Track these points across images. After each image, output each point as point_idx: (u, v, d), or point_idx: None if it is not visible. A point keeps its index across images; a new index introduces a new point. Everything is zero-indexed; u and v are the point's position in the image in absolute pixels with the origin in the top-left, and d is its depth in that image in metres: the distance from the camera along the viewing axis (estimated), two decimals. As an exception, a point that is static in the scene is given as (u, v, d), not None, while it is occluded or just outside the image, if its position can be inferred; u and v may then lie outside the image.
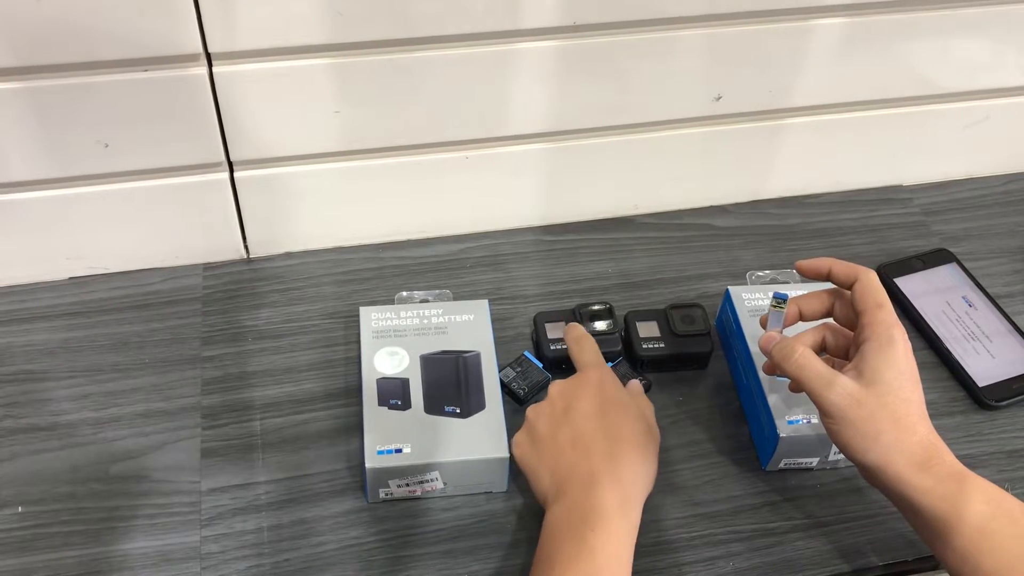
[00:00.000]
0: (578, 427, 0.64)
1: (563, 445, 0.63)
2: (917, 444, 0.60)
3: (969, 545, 0.57)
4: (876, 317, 0.62)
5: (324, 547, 0.67)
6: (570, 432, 0.64)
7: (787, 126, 0.88)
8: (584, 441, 0.63)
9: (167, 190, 0.78)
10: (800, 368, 0.63)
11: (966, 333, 0.82)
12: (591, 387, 0.66)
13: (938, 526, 0.59)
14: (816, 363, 0.63)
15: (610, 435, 0.63)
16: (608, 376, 0.68)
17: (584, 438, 0.63)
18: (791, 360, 0.63)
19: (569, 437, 0.64)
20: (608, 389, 0.66)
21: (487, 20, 0.72)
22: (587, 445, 0.63)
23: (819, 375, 0.62)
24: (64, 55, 0.67)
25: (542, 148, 0.83)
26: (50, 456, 0.71)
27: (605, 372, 0.68)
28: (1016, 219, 0.94)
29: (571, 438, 0.64)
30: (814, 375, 0.62)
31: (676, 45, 0.78)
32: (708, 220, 0.91)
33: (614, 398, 0.66)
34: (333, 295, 0.83)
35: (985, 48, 0.86)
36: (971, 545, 0.57)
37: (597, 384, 0.66)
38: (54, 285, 0.82)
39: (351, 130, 0.77)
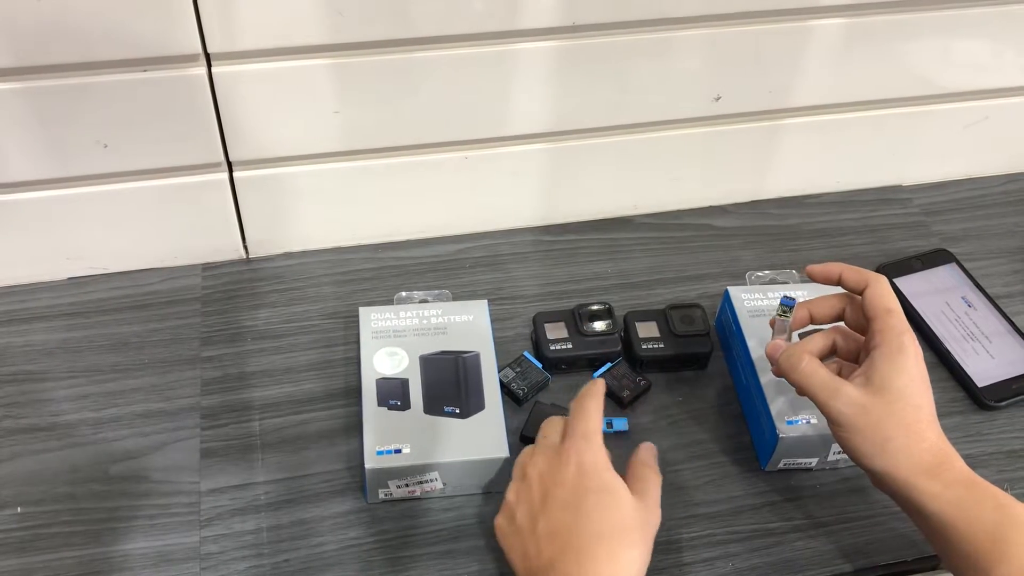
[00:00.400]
0: (554, 519, 0.58)
1: (540, 537, 0.58)
2: (926, 451, 0.60)
3: (979, 552, 0.57)
4: (887, 323, 0.62)
5: (324, 547, 0.67)
6: (546, 524, 0.58)
7: (786, 126, 0.88)
8: (561, 536, 0.57)
9: (166, 190, 0.78)
10: (806, 378, 0.63)
11: (965, 333, 0.82)
12: (570, 470, 0.59)
13: (947, 532, 0.59)
14: (822, 372, 0.63)
15: (589, 530, 0.57)
16: (591, 456, 0.59)
17: (561, 533, 0.57)
18: (797, 370, 0.64)
19: (546, 530, 0.58)
20: (590, 473, 0.59)
21: (487, 20, 0.72)
22: (564, 540, 0.57)
23: (825, 385, 0.62)
24: (63, 55, 0.67)
25: (542, 148, 0.83)
26: (50, 456, 0.71)
27: (590, 451, 0.60)
28: (1015, 219, 0.94)
29: (548, 531, 0.58)
30: (820, 385, 0.62)
31: (676, 45, 0.78)
32: (708, 220, 0.91)
33: (596, 485, 0.58)
34: (332, 295, 0.82)
35: (984, 48, 0.86)
36: (981, 552, 0.57)
37: (577, 467, 0.59)
38: (53, 285, 0.82)
39: (351, 130, 0.77)
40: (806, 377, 0.63)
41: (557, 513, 0.58)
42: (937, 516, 0.59)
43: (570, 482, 0.58)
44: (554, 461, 0.60)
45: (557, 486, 0.59)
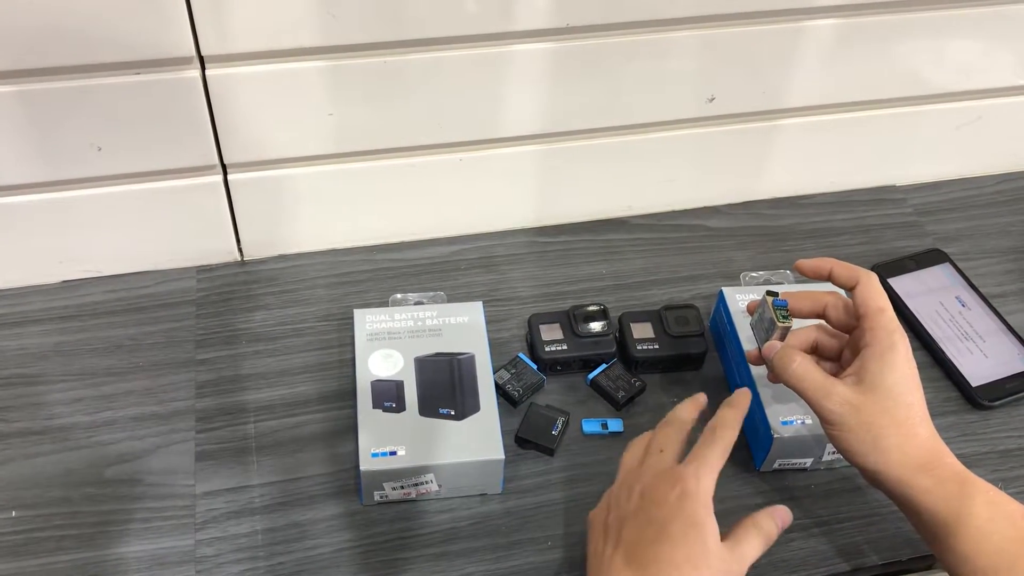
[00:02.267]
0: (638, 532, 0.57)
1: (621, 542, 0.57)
2: (918, 447, 0.60)
3: (969, 547, 0.58)
4: (878, 322, 0.62)
5: (318, 550, 0.67)
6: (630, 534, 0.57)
7: (780, 127, 0.88)
8: (638, 550, 0.56)
9: (160, 193, 0.78)
10: (798, 379, 0.64)
11: (959, 333, 0.82)
12: (673, 495, 0.57)
13: (938, 528, 0.59)
14: (814, 373, 0.63)
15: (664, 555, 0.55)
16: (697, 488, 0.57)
17: (639, 547, 0.56)
18: (788, 370, 0.64)
19: (628, 538, 0.57)
20: (689, 503, 0.57)
21: (480, 22, 0.72)
22: (639, 555, 0.56)
23: (816, 385, 0.63)
24: (56, 58, 0.67)
25: (536, 150, 0.83)
26: (44, 460, 0.71)
27: (700, 484, 0.58)
28: (1009, 219, 0.94)
29: (628, 540, 0.57)
30: (811, 385, 0.63)
31: (669, 46, 0.78)
32: (702, 221, 0.92)
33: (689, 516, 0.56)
34: (327, 297, 0.82)
35: (977, 48, 0.86)
36: (971, 547, 0.58)
37: (680, 494, 0.57)
38: (47, 288, 0.81)
39: (345, 132, 0.77)
40: (798, 378, 0.63)
41: (643, 527, 0.57)
42: (929, 512, 0.59)
43: (668, 505, 0.57)
44: (662, 479, 0.58)
45: (654, 504, 0.57)
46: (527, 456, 0.73)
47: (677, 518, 0.56)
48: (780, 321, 0.66)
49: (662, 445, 0.62)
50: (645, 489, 0.59)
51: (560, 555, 0.67)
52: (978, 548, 0.58)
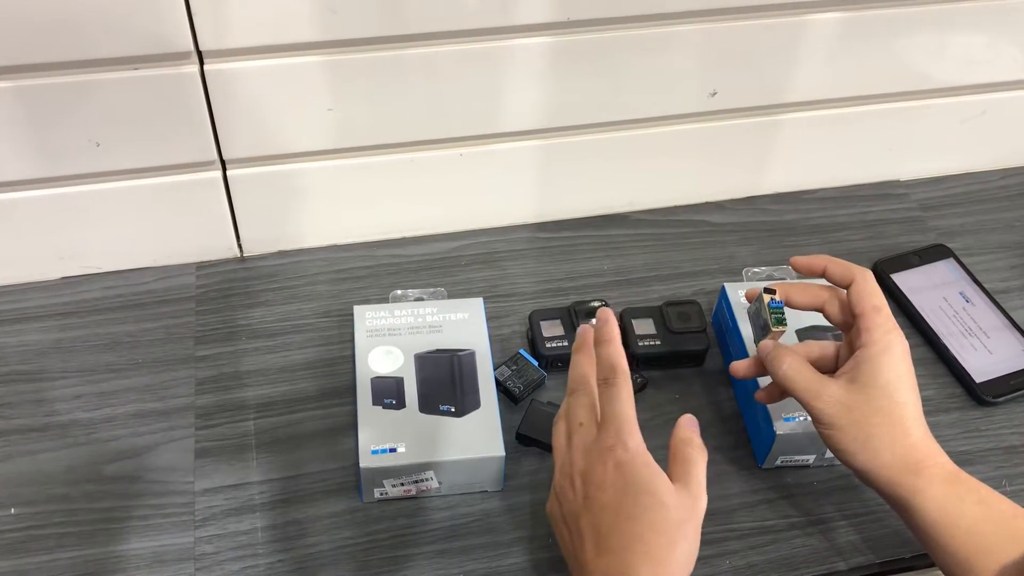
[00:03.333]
0: (596, 519, 0.56)
1: (584, 534, 0.57)
2: (910, 447, 0.60)
3: (961, 546, 0.58)
4: (873, 321, 0.62)
5: (318, 547, 0.67)
6: (589, 522, 0.57)
7: (783, 122, 0.87)
8: (603, 537, 0.56)
9: (160, 189, 0.77)
10: (789, 379, 0.63)
11: (963, 329, 0.81)
12: (609, 471, 0.56)
13: (930, 528, 0.59)
14: (804, 373, 0.63)
15: (630, 532, 0.55)
16: (629, 452, 0.57)
17: (602, 533, 0.56)
18: (780, 371, 0.64)
19: (589, 528, 0.56)
20: (628, 472, 0.56)
21: (480, 16, 0.72)
22: (606, 542, 0.56)
23: (807, 386, 0.62)
24: (54, 54, 0.67)
25: (537, 145, 0.83)
26: (43, 457, 0.71)
27: (627, 445, 0.57)
28: (1013, 214, 0.93)
29: (591, 530, 0.56)
30: (802, 385, 0.63)
31: (671, 41, 0.77)
32: (704, 216, 0.91)
33: (635, 485, 0.56)
34: (327, 294, 0.82)
35: (981, 42, 0.86)
36: (963, 546, 0.58)
37: (615, 467, 0.56)
38: (46, 285, 0.81)
39: (344, 128, 0.77)
40: (789, 379, 0.63)
41: (598, 514, 0.56)
42: (921, 512, 0.59)
43: (609, 483, 0.56)
44: (593, 459, 0.57)
45: (596, 488, 0.57)
46: (528, 453, 0.72)
47: (625, 493, 0.55)
48: (774, 326, 0.66)
49: (579, 418, 0.59)
50: (584, 475, 0.58)
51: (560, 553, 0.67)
52: (970, 548, 0.57)
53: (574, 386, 0.61)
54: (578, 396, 0.61)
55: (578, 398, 0.61)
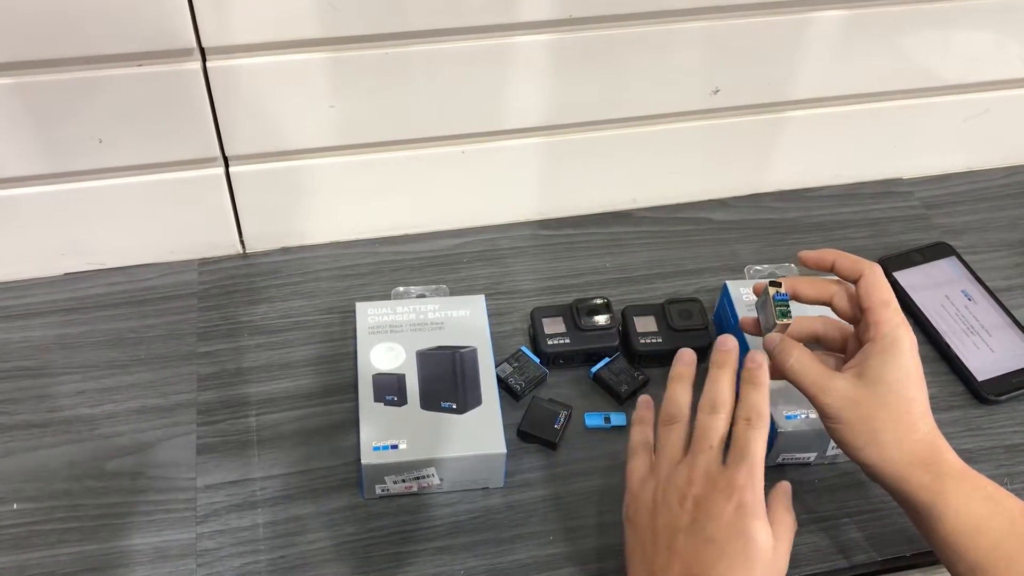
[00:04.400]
0: (695, 546, 0.56)
1: (675, 555, 0.56)
2: (917, 443, 0.60)
3: (964, 541, 0.58)
4: (882, 316, 0.62)
5: (320, 543, 0.67)
6: (686, 546, 0.56)
7: (786, 119, 0.87)
8: (697, 566, 0.55)
9: (162, 185, 0.78)
10: (795, 373, 0.63)
11: (966, 327, 0.81)
12: (730, 508, 0.56)
13: (935, 523, 0.59)
14: (811, 367, 0.63)
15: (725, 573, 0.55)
16: (753, 498, 0.56)
17: (698, 563, 0.55)
18: (787, 365, 0.64)
19: (684, 551, 0.56)
20: (747, 517, 0.55)
21: (483, 14, 0.72)
22: (699, 572, 0.55)
23: (814, 380, 0.62)
24: (57, 50, 0.67)
25: (539, 142, 0.83)
26: (46, 453, 0.71)
27: (754, 491, 0.56)
28: (1016, 212, 0.93)
29: (685, 554, 0.56)
30: (809, 380, 0.62)
31: (673, 38, 0.77)
32: (706, 214, 0.91)
33: (748, 532, 0.55)
34: (329, 290, 0.82)
35: (985, 40, 0.85)
36: (967, 541, 0.58)
37: (737, 507, 0.55)
38: (50, 281, 0.81)
39: (347, 125, 0.77)
40: (796, 374, 0.63)
41: (701, 544, 0.55)
42: (927, 507, 0.59)
43: (725, 519, 0.55)
44: (716, 490, 0.56)
45: (710, 519, 0.56)
46: (529, 450, 0.73)
47: (737, 536, 0.55)
48: (778, 319, 0.66)
49: (712, 440, 0.59)
50: (699, 500, 0.57)
51: (562, 549, 0.67)
52: (975, 544, 0.57)
53: (714, 405, 0.60)
54: (718, 418, 0.60)
55: (717, 420, 0.60)
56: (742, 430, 0.58)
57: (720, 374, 0.61)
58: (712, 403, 0.60)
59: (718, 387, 0.61)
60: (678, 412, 0.62)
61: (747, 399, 0.60)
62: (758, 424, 0.58)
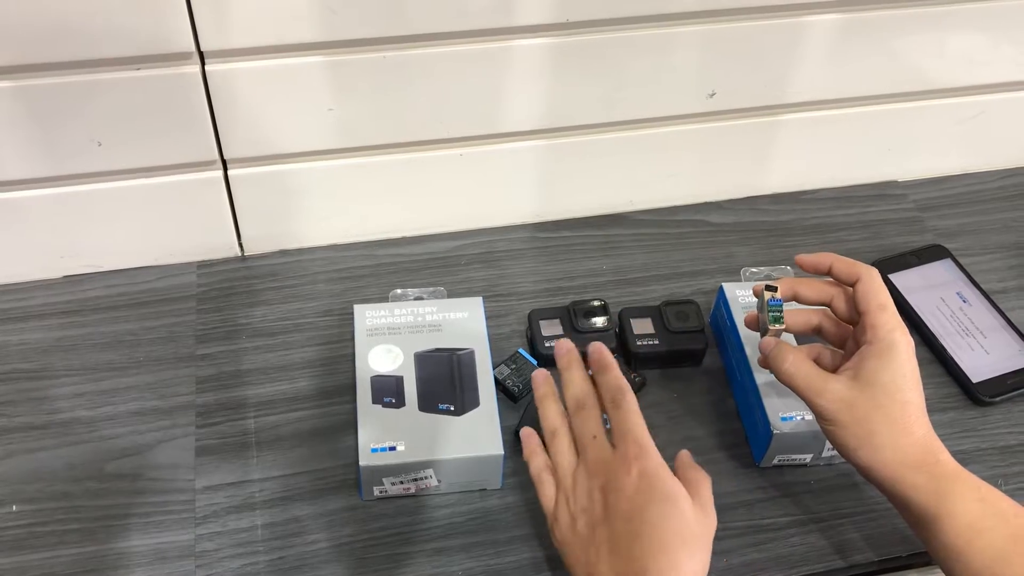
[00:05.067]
0: (617, 529, 0.56)
1: (601, 546, 0.57)
2: (912, 444, 0.60)
3: (960, 543, 0.58)
4: (878, 319, 0.62)
5: (318, 545, 0.67)
6: (608, 533, 0.57)
7: (782, 122, 0.88)
8: (623, 546, 0.56)
9: (161, 188, 0.78)
10: (791, 376, 0.64)
11: (960, 329, 0.82)
12: (631, 479, 0.57)
13: (930, 524, 0.59)
14: (806, 370, 0.63)
15: (652, 541, 0.55)
16: (652, 462, 0.57)
17: (623, 543, 0.56)
18: (782, 368, 0.64)
19: (607, 539, 0.57)
20: (652, 481, 0.57)
21: (481, 17, 0.72)
22: (627, 551, 0.56)
23: (810, 383, 0.63)
24: (57, 54, 0.67)
25: (536, 145, 0.83)
26: (45, 455, 0.71)
27: (650, 456, 0.57)
28: (1011, 215, 0.94)
29: (610, 541, 0.56)
30: (804, 383, 0.63)
31: (670, 41, 0.78)
32: (703, 216, 0.91)
33: (659, 494, 0.56)
34: (328, 293, 0.83)
35: (980, 43, 0.86)
36: (963, 543, 0.58)
37: (639, 475, 0.57)
38: (49, 283, 0.82)
39: (345, 128, 0.77)
40: (791, 376, 0.64)
41: (619, 523, 0.56)
42: (921, 508, 0.60)
43: (631, 490, 0.56)
44: (613, 469, 0.58)
45: (619, 494, 0.57)
46: (527, 451, 0.73)
47: (650, 500, 0.56)
48: (771, 324, 0.66)
49: (592, 431, 0.60)
50: (604, 487, 0.58)
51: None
52: (970, 545, 0.58)
53: (578, 401, 0.61)
54: (589, 410, 0.61)
55: (589, 412, 0.61)
56: (612, 411, 0.60)
57: (570, 373, 0.63)
58: (576, 400, 0.62)
59: (574, 384, 0.62)
60: (556, 425, 0.62)
61: (602, 383, 0.61)
62: (623, 400, 0.59)
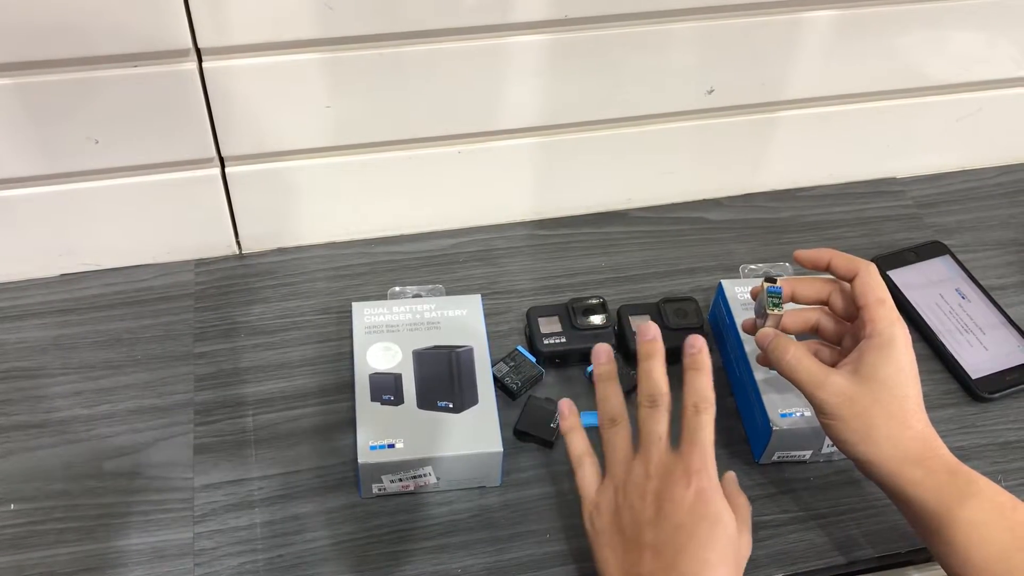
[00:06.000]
0: (665, 537, 0.57)
1: (645, 548, 0.57)
2: (911, 439, 0.61)
3: (959, 536, 0.58)
4: (877, 313, 0.63)
5: (317, 543, 0.67)
6: (655, 538, 0.57)
7: (780, 119, 0.88)
8: (668, 555, 0.56)
9: (158, 186, 0.78)
10: (792, 370, 0.64)
11: (959, 325, 0.82)
12: (690, 493, 0.57)
13: (929, 518, 0.59)
14: (807, 363, 0.63)
15: (698, 557, 0.56)
16: (710, 482, 0.58)
17: (669, 552, 0.56)
18: (783, 361, 0.64)
19: (654, 544, 0.57)
20: (708, 501, 0.57)
21: (478, 14, 0.72)
22: (671, 561, 0.56)
23: (811, 376, 0.63)
24: (53, 51, 0.67)
25: (534, 142, 0.83)
26: (43, 453, 0.71)
27: (709, 476, 0.58)
28: (1009, 211, 0.94)
29: (655, 546, 0.57)
30: (806, 376, 0.63)
31: (668, 38, 0.78)
32: (701, 213, 0.91)
33: (712, 513, 0.57)
34: (326, 290, 0.82)
35: (977, 39, 0.86)
36: (961, 536, 0.58)
37: (696, 493, 0.57)
38: (46, 282, 0.81)
39: (343, 125, 0.77)
40: (792, 369, 0.64)
41: (669, 532, 0.57)
42: (919, 503, 0.60)
43: (687, 505, 0.57)
44: (674, 479, 0.58)
45: (674, 505, 0.57)
46: (526, 449, 0.73)
47: (702, 519, 0.56)
48: (770, 309, 0.67)
49: (659, 432, 0.60)
50: (659, 491, 0.58)
51: (559, 547, 0.67)
52: (968, 538, 0.58)
53: (653, 398, 0.61)
54: (659, 410, 0.61)
55: (659, 411, 0.61)
56: (691, 416, 0.59)
57: (651, 365, 0.62)
58: (651, 396, 0.61)
59: (653, 378, 0.62)
60: (617, 412, 0.62)
61: (692, 385, 0.61)
62: (705, 409, 0.59)
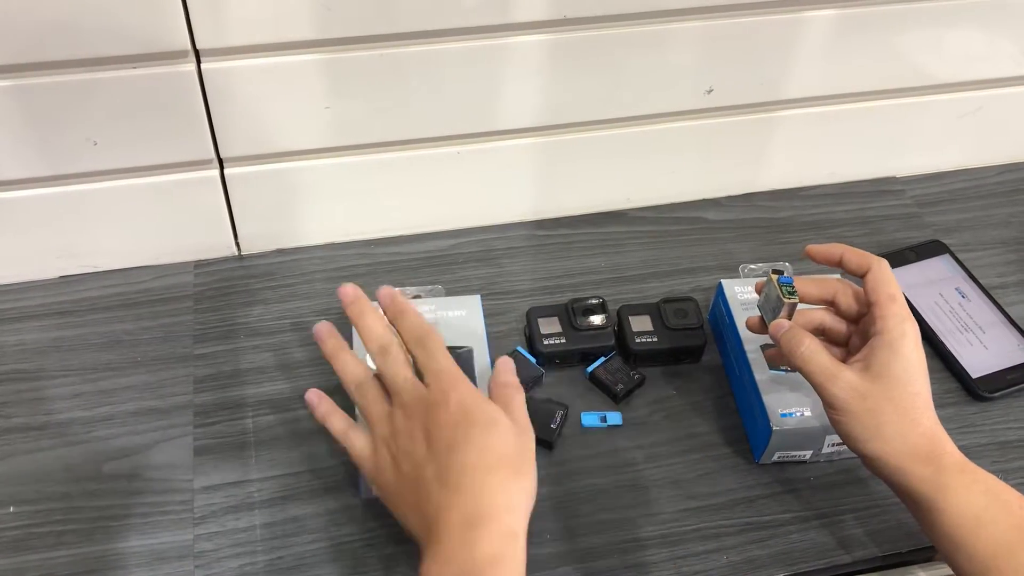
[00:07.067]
0: (442, 461, 0.57)
1: (430, 482, 0.57)
2: (920, 436, 0.61)
3: (965, 534, 0.58)
4: (888, 310, 0.63)
5: (317, 544, 0.67)
6: (435, 468, 0.57)
7: (779, 118, 0.88)
8: (452, 477, 0.56)
9: (157, 187, 0.77)
10: (806, 361, 0.64)
11: (959, 325, 0.82)
12: (451, 410, 0.58)
13: (935, 515, 0.59)
14: (821, 356, 0.63)
15: (478, 466, 0.56)
16: (467, 390, 0.59)
17: (451, 473, 0.56)
18: (798, 352, 0.64)
19: (435, 474, 0.57)
20: (471, 408, 0.58)
21: (477, 14, 0.72)
22: (456, 481, 0.56)
23: (824, 368, 0.63)
24: (52, 52, 0.67)
25: (534, 142, 0.83)
26: (42, 455, 0.71)
27: (463, 385, 0.60)
28: (1009, 210, 0.93)
29: (438, 475, 0.57)
30: (819, 368, 0.63)
31: (667, 38, 0.78)
32: (701, 213, 0.91)
33: (480, 419, 0.58)
34: (325, 292, 0.82)
35: (978, 38, 0.86)
36: (967, 533, 0.58)
37: (457, 405, 0.58)
38: (45, 284, 0.81)
39: (342, 126, 0.77)
40: (806, 361, 0.64)
41: (445, 455, 0.57)
42: (927, 500, 0.60)
43: (451, 422, 0.58)
44: (431, 405, 0.59)
45: (441, 428, 0.58)
46: (526, 449, 0.73)
47: (471, 426, 0.58)
48: (786, 297, 0.66)
49: (403, 374, 0.61)
50: (425, 425, 0.59)
51: (559, 548, 0.67)
52: (974, 535, 0.58)
53: (380, 345, 0.62)
54: (395, 354, 0.62)
55: (396, 356, 0.62)
56: (419, 351, 0.62)
57: (364, 319, 0.64)
58: (379, 345, 0.63)
59: (371, 329, 0.63)
60: (361, 376, 0.64)
61: (404, 327, 0.63)
62: (428, 339, 0.61)
